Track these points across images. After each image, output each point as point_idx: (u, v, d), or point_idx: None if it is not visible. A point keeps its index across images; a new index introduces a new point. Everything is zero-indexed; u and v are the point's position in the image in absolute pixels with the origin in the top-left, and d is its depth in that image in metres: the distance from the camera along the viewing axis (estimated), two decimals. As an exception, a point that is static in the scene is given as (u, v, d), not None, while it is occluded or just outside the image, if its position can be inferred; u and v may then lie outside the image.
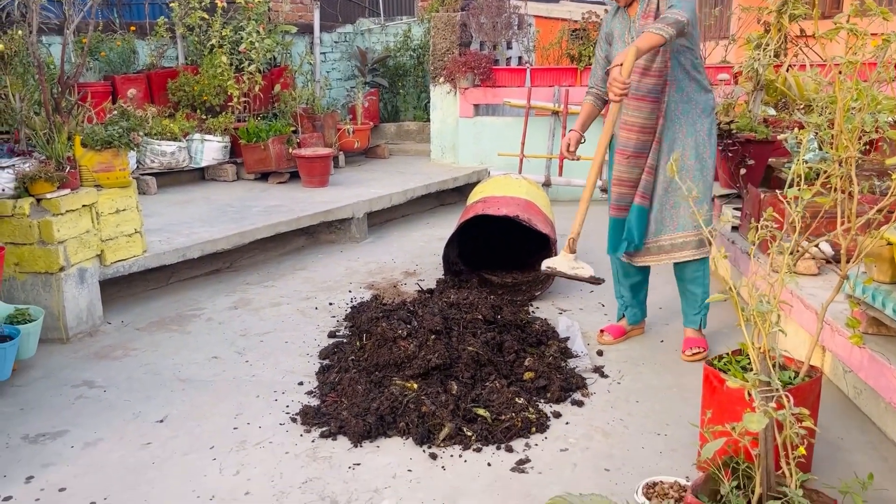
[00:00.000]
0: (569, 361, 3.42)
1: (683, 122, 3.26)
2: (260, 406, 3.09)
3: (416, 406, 2.90)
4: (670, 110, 3.25)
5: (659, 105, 3.24)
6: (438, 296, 4.05)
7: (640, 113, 3.27)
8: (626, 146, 3.33)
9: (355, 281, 4.78)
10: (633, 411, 3.01)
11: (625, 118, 3.33)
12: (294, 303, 4.38)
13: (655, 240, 3.39)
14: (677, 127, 3.26)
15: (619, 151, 3.37)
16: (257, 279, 4.84)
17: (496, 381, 3.11)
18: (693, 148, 3.27)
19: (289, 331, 3.93)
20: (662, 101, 3.24)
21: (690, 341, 3.54)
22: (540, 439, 2.81)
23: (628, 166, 3.35)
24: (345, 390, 3.06)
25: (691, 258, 3.38)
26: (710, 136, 3.30)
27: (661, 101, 3.24)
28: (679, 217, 3.34)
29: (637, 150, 3.32)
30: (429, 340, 3.19)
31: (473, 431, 2.80)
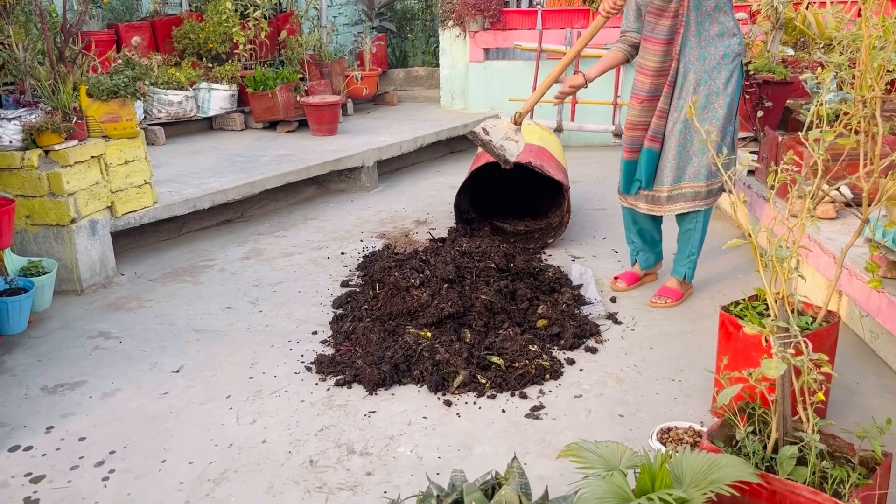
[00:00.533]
0: (582, 309, 3.41)
1: (698, 69, 3.16)
2: (275, 355, 3.11)
3: (430, 354, 2.90)
4: (685, 55, 3.15)
5: (672, 47, 3.15)
6: (450, 245, 4.03)
7: (655, 56, 3.18)
8: (640, 90, 3.25)
9: (367, 230, 4.76)
10: (646, 357, 3.01)
11: (640, 61, 3.25)
12: (306, 252, 4.37)
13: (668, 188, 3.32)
14: (691, 73, 3.17)
15: (633, 95, 3.29)
16: (268, 229, 4.83)
17: (509, 328, 3.10)
18: (705, 96, 3.17)
19: (301, 280, 3.93)
20: (676, 44, 3.14)
21: (665, 289, 3.52)
22: (554, 386, 2.81)
23: (641, 110, 3.27)
24: (359, 339, 3.07)
25: (692, 209, 3.31)
26: (727, 84, 3.16)
27: (675, 44, 3.15)
28: (691, 166, 3.26)
29: (650, 94, 3.24)
30: (442, 289, 3.18)
31: (487, 379, 2.81)
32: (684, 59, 3.16)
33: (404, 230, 4.72)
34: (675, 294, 3.48)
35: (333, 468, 2.37)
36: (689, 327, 3.26)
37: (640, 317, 3.38)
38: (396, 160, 6.20)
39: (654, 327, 3.27)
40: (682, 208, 3.31)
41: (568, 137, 6.76)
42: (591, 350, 3.06)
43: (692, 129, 3.17)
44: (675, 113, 3.20)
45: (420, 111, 7.50)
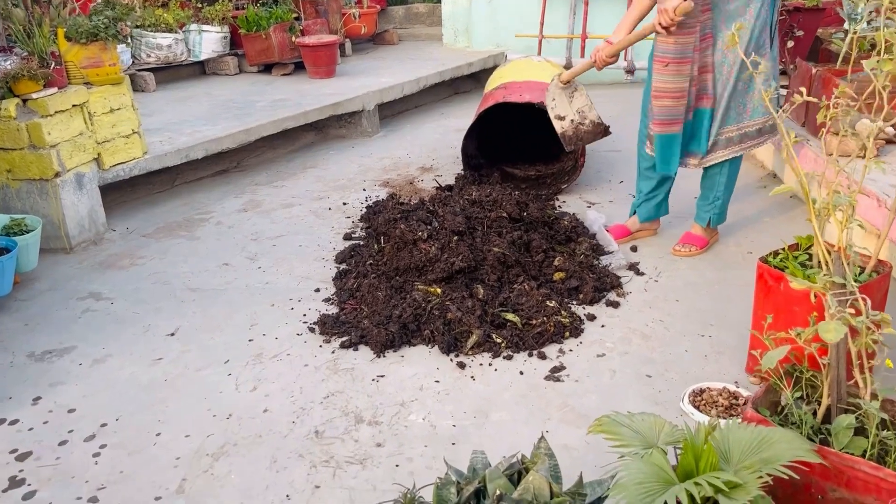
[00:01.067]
0: (601, 259, 3.20)
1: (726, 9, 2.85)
2: (275, 316, 2.92)
3: (441, 312, 2.71)
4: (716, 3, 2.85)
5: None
6: (458, 193, 3.80)
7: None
8: (666, 52, 2.92)
9: (369, 178, 4.52)
10: (672, 311, 2.81)
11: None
12: (306, 203, 4.15)
13: (714, 138, 3.05)
14: (721, 17, 2.86)
15: (658, 59, 2.96)
16: (266, 179, 4.60)
17: (525, 283, 2.90)
18: (747, 28, 2.87)
19: (302, 234, 3.72)
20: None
21: (689, 237, 3.30)
22: (574, 344, 2.63)
23: (670, 75, 2.94)
24: (364, 297, 2.88)
25: (737, 153, 3.06)
26: (757, 17, 2.87)
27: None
28: (742, 106, 2.99)
29: (678, 56, 2.91)
30: (451, 242, 2.97)
31: (503, 338, 2.62)
32: (717, 7, 2.85)
33: (409, 178, 4.48)
34: (700, 241, 3.27)
35: (341, 439, 2.20)
36: (717, 277, 3.06)
37: (663, 267, 3.17)
38: (398, 103, 5.92)
39: (678, 278, 3.07)
40: (726, 154, 3.06)
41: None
42: (612, 304, 2.86)
43: (741, 68, 2.88)
44: (723, 62, 2.92)
45: (421, 50, 7.16)
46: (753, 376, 2.36)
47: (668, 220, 3.53)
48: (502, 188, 3.52)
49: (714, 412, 2.20)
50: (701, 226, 3.30)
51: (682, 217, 3.56)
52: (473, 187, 3.60)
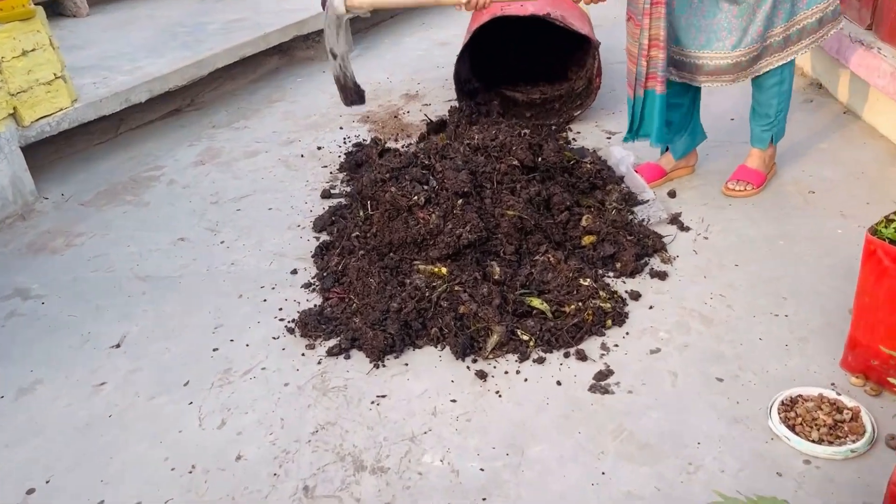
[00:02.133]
0: (636, 212, 2.64)
1: None
2: (245, 311, 2.37)
3: (451, 304, 2.17)
4: None
5: None
6: (454, 132, 3.19)
7: None
8: None
9: (346, 112, 3.86)
10: (733, 281, 2.29)
11: None
12: (274, 149, 3.52)
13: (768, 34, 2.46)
14: None
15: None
16: (226, 119, 3.93)
17: (548, 253, 2.36)
18: None
19: (271, 192, 3.12)
20: None
21: (743, 171, 2.76)
22: (619, 336, 2.11)
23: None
24: (353, 284, 2.32)
25: (791, 56, 2.48)
26: None
27: None
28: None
29: None
30: (455, 207, 2.40)
31: (530, 333, 2.09)
32: None
33: (392, 109, 3.84)
34: (756, 177, 2.73)
35: (337, 498, 1.70)
36: (777, 229, 2.52)
37: (710, 217, 2.63)
38: (373, 13, 5.14)
39: (731, 232, 2.53)
40: (784, 57, 2.48)
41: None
42: (658, 275, 2.33)
43: None
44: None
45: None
46: (856, 377, 1.86)
47: (703, 153, 2.96)
48: (509, 127, 2.90)
49: (815, 434, 1.71)
50: (760, 150, 2.74)
51: (718, 146, 2.99)
52: (474, 129, 2.98)
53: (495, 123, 3.19)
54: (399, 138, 3.48)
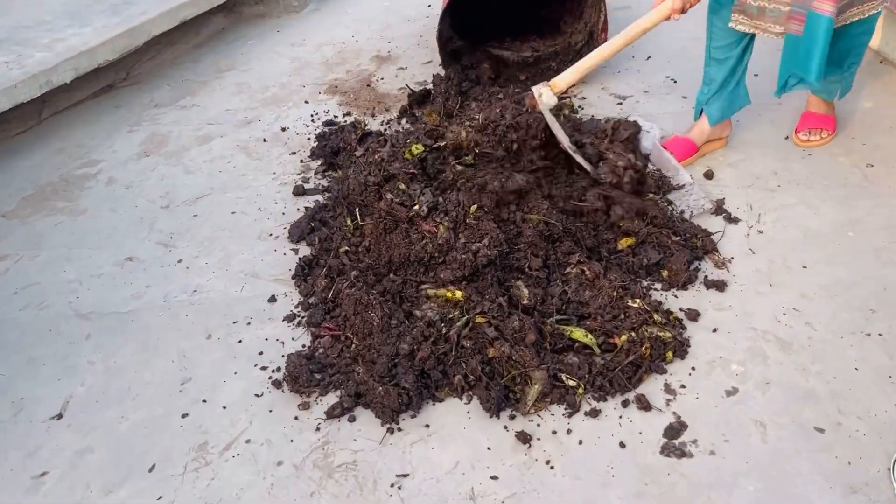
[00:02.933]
0: (672, 199, 2.24)
1: None
2: (217, 358, 1.93)
3: (476, 343, 1.76)
4: None
5: None
6: (443, 105, 2.72)
7: None
8: None
9: (309, 80, 3.36)
10: (805, 289, 1.92)
11: None
12: (230, 132, 3.01)
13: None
14: None
15: None
16: (169, 96, 3.38)
17: (582, 263, 1.95)
18: None
19: (233, 189, 2.63)
20: None
21: (811, 117, 2.43)
22: (684, 372, 1.73)
23: None
24: (349, 319, 1.89)
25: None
26: None
27: None
28: None
29: None
30: (468, 216, 1.96)
31: (576, 378, 1.70)
32: None
33: (363, 76, 3.33)
34: (830, 122, 2.45)
35: None
36: (844, 217, 2.15)
37: (760, 202, 2.24)
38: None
39: (789, 222, 2.15)
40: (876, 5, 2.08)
41: None
42: (715, 285, 1.95)
43: None
44: None
45: None
46: None
47: (734, 122, 2.56)
48: (516, 105, 2.44)
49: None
50: (826, 100, 2.43)
51: (749, 111, 2.58)
52: (473, 105, 2.53)
53: (491, 94, 2.74)
54: (376, 113, 3.00)
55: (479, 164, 2.18)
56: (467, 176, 2.10)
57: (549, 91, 2.28)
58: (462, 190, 2.06)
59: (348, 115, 3.01)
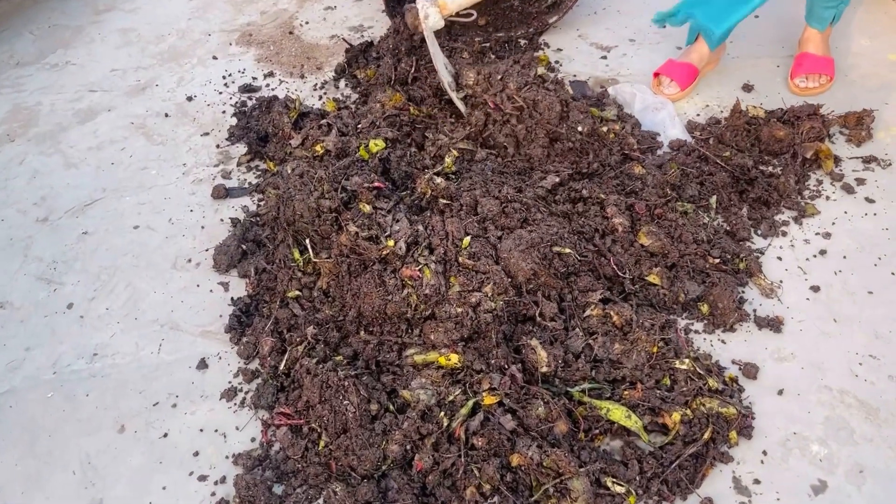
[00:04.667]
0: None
1: None
2: (136, 466, 1.43)
3: (492, 443, 1.33)
4: None
5: None
6: (393, 68, 2.17)
7: None
8: None
9: (216, 26, 2.71)
10: (878, 325, 1.56)
11: None
12: (120, 103, 2.37)
13: None
14: None
15: None
16: (34, 49, 2.67)
17: (604, 304, 1.53)
18: None
19: (132, 191, 2.05)
20: None
21: (808, 60, 2.13)
22: (755, 459, 1.36)
23: None
24: (310, 403, 1.41)
25: None
26: None
27: None
28: None
29: None
30: (459, 254, 1.49)
31: (624, 480, 1.31)
32: None
33: (284, 20, 2.71)
34: (828, 65, 2.14)
35: None
36: (885, 204, 1.78)
37: (797, 199, 1.85)
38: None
39: (839, 220, 1.77)
40: None
41: None
42: (769, 324, 1.57)
43: None
44: None
45: None
46: None
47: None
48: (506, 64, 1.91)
49: None
50: (819, 31, 2.14)
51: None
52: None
53: (452, 52, 2.21)
54: (306, 73, 2.41)
55: (463, 171, 1.69)
56: (450, 193, 1.61)
57: (437, 12, 1.94)
58: (447, 213, 1.57)
59: (270, 75, 2.41)
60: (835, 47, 2.25)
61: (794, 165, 1.86)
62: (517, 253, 1.49)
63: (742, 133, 1.91)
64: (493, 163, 1.76)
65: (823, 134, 1.91)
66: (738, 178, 1.80)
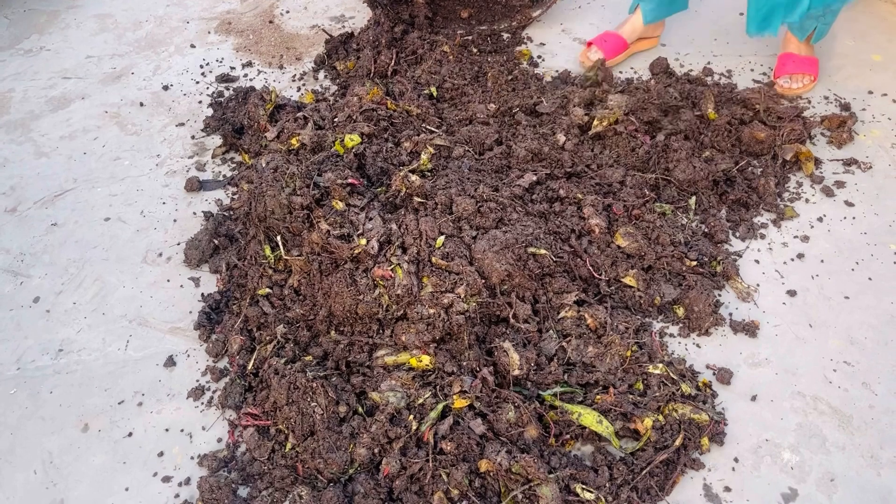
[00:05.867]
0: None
1: None
2: (98, 466, 1.40)
3: (461, 448, 1.31)
4: None
5: None
6: (373, 59, 2.14)
7: None
8: None
9: (194, 13, 2.66)
10: (855, 332, 1.55)
11: None
12: (94, 91, 2.33)
13: None
14: None
15: None
16: (8, 34, 2.61)
17: (578, 306, 1.51)
18: None
19: (104, 181, 2.01)
20: None
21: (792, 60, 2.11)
22: (726, 466, 1.35)
23: None
24: (277, 404, 1.39)
25: None
26: None
27: None
28: None
29: None
30: (433, 252, 1.47)
31: (593, 486, 1.29)
32: None
33: (264, 9, 2.66)
34: (812, 65, 2.12)
35: None
36: (880, 218, 1.77)
37: (777, 201, 1.84)
38: None
39: (817, 228, 1.75)
40: None
41: None
42: (744, 329, 1.55)
43: None
44: None
45: None
46: None
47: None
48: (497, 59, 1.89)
49: None
50: (798, 40, 2.12)
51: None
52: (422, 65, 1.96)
53: (433, 45, 2.18)
54: (285, 63, 2.38)
55: (439, 168, 1.67)
56: (426, 191, 1.58)
57: None
58: (421, 212, 1.54)
59: (249, 65, 2.37)
60: (818, 47, 2.24)
61: (774, 167, 1.84)
62: (491, 254, 1.47)
63: (723, 133, 1.89)
64: (469, 160, 1.73)
65: (804, 136, 1.89)
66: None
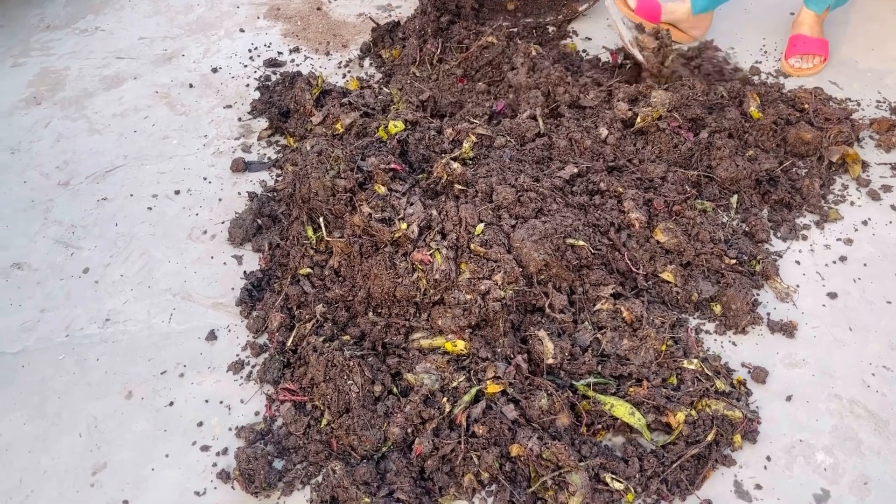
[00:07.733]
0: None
1: None
2: (140, 432, 1.45)
3: (493, 431, 1.33)
4: None
5: None
6: (418, 48, 2.16)
7: None
8: None
9: (244, 1, 2.71)
10: (894, 336, 1.53)
11: None
12: (146, 72, 2.38)
13: None
14: None
15: None
16: (65, 13, 2.69)
17: (614, 298, 1.52)
18: None
19: (152, 159, 2.06)
20: None
21: (802, 41, 2.16)
22: (758, 464, 1.35)
23: None
24: (315, 381, 1.42)
25: None
26: None
27: None
28: None
29: None
30: (472, 239, 1.48)
31: (623, 477, 1.30)
32: None
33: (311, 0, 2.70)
34: (822, 46, 2.17)
35: None
36: (923, 225, 1.74)
37: (821, 203, 1.82)
38: None
39: (861, 231, 1.73)
40: None
41: None
42: (782, 329, 1.54)
43: None
44: None
45: None
46: None
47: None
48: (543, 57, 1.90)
49: None
50: (816, 13, 2.18)
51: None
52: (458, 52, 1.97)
53: (478, 35, 2.19)
54: (331, 50, 2.41)
55: (481, 157, 1.68)
56: (466, 179, 1.60)
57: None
58: (461, 199, 1.56)
59: (296, 51, 2.41)
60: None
61: (819, 168, 1.82)
62: (530, 243, 1.48)
63: (768, 133, 1.87)
64: (511, 150, 1.74)
65: (852, 138, 1.87)
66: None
